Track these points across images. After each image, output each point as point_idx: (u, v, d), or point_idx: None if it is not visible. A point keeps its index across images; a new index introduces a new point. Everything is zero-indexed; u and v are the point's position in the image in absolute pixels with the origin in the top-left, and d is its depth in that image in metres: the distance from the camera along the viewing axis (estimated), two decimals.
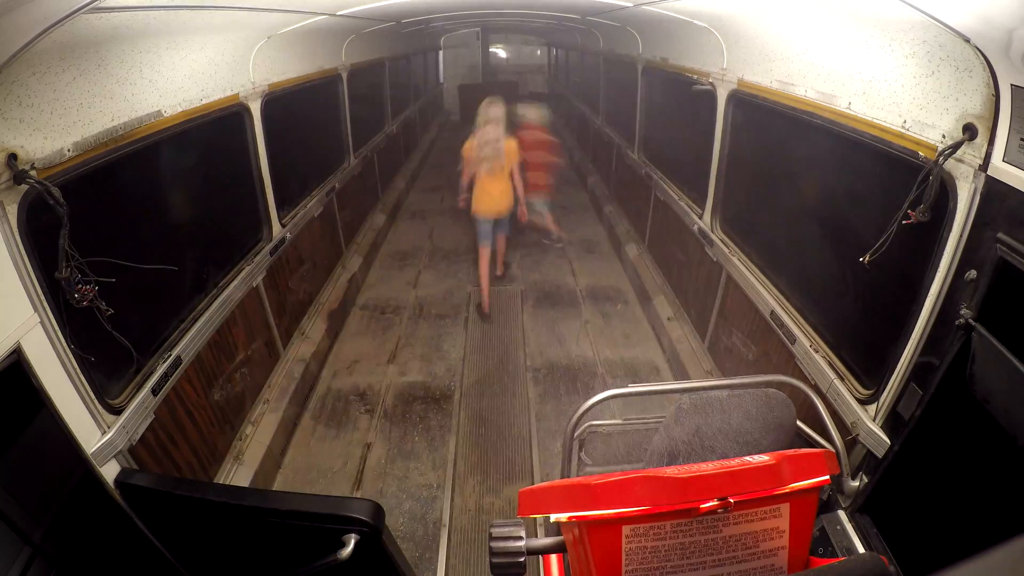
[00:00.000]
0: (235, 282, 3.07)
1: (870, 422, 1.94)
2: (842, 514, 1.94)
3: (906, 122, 1.81)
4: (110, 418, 1.98)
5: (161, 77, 2.37)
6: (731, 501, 1.06)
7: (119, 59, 2.09)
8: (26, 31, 1.43)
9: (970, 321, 1.51)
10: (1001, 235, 1.45)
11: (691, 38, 3.73)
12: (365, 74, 6.01)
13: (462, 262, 5.89)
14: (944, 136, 1.65)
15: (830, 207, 2.47)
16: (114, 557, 2.33)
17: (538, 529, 2.60)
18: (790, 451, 1.22)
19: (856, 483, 1.93)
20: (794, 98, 2.52)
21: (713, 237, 3.60)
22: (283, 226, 3.77)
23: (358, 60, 5.53)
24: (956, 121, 1.61)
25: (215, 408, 2.87)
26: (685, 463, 1.23)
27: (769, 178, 3.08)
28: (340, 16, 3.90)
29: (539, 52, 14.19)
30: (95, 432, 1.90)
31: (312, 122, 4.79)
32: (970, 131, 1.54)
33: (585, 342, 4.45)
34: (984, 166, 1.52)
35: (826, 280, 2.48)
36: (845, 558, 1.17)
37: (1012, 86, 1.40)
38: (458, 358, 4.27)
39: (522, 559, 1.25)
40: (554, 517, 1.13)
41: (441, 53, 12.91)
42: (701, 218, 3.83)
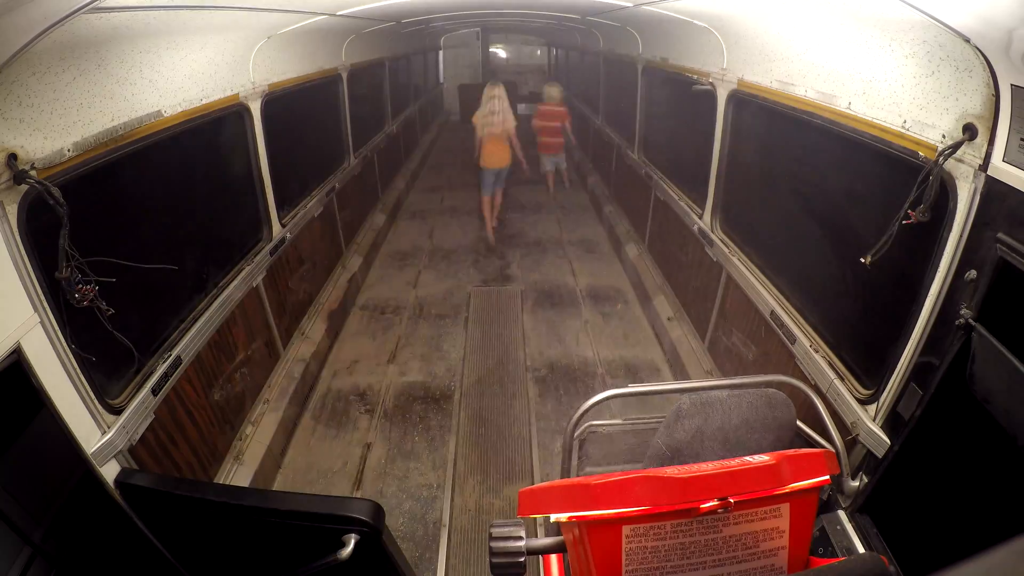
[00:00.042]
0: (235, 282, 3.07)
1: (870, 422, 1.94)
2: (842, 514, 1.94)
3: (906, 122, 1.81)
4: (110, 418, 1.98)
5: (161, 77, 2.37)
6: (731, 501, 1.06)
7: (119, 59, 2.09)
8: (26, 31, 1.43)
9: (970, 321, 1.51)
10: (1001, 235, 1.45)
11: (691, 38, 3.73)
12: (365, 74, 6.01)
13: (462, 262, 5.89)
14: (944, 136, 1.65)
15: (830, 207, 2.47)
16: (114, 557, 2.33)
17: (538, 529, 2.60)
18: (790, 451, 1.22)
19: (856, 483, 1.93)
20: (794, 98, 2.52)
21: (713, 237, 3.60)
22: (283, 226, 3.77)
23: (358, 60, 5.53)
24: (956, 121, 1.61)
25: (215, 408, 2.87)
26: (685, 463, 1.23)
27: (769, 178, 3.08)
28: (340, 16, 3.90)
29: (539, 52, 14.19)
30: (95, 432, 1.90)
31: (312, 122, 4.79)
32: (970, 131, 1.54)
33: (585, 342, 4.45)
34: (984, 166, 1.52)
35: (826, 280, 2.48)
36: (845, 558, 1.17)
37: (1012, 86, 1.40)
38: (458, 358, 4.27)
39: (522, 559, 1.25)
40: (554, 517, 1.13)
41: (441, 53, 12.91)
42: (701, 218, 3.83)
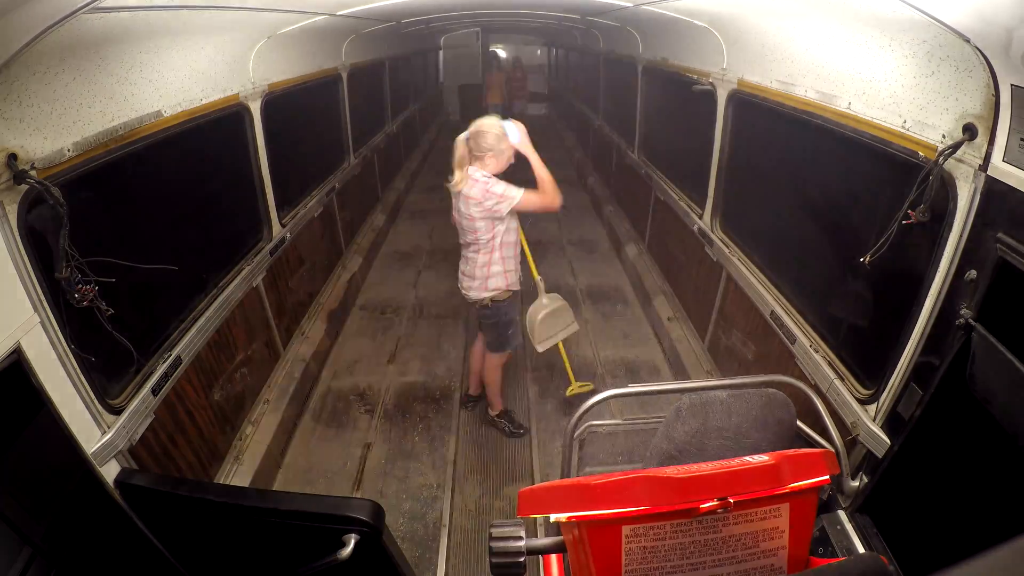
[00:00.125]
0: (235, 282, 3.07)
1: (870, 422, 1.94)
2: (842, 514, 1.94)
3: (906, 122, 1.81)
4: (110, 418, 1.98)
5: (161, 77, 2.37)
6: (731, 501, 1.06)
7: (119, 59, 2.09)
8: (26, 31, 1.43)
9: (970, 321, 1.51)
10: (1001, 235, 1.45)
11: (691, 38, 3.73)
12: (365, 74, 6.01)
13: None
14: (944, 136, 1.65)
15: (830, 207, 2.47)
16: (114, 557, 2.33)
17: (538, 529, 2.60)
18: (790, 451, 1.21)
19: (856, 483, 1.93)
20: (794, 98, 2.52)
21: (713, 237, 3.60)
22: (283, 226, 3.77)
23: (358, 60, 5.53)
24: (956, 121, 1.60)
25: (215, 408, 2.87)
26: (685, 463, 1.23)
27: (769, 178, 3.08)
28: (340, 16, 3.90)
29: (539, 52, 14.19)
30: (95, 432, 1.90)
31: (312, 122, 4.79)
32: (970, 131, 1.54)
33: (585, 342, 4.45)
34: (984, 166, 1.51)
35: (826, 280, 2.48)
36: (845, 558, 1.17)
37: (1012, 86, 1.40)
38: (458, 358, 4.27)
39: (522, 559, 1.24)
40: (554, 517, 1.13)
41: (441, 53, 12.91)
42: (701, 218, 3.83)
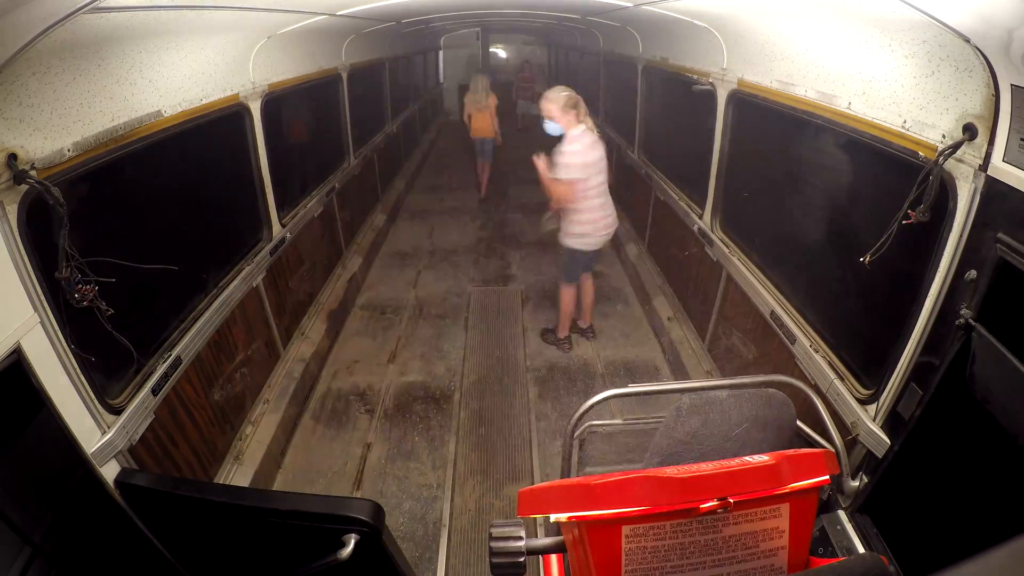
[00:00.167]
0: (235, 282, 3.07)
1: (870, 422, 1.94)
2: (842, 514, 1.94)
3: (906, 122, 1.81)
4: (110, 418, 1.98)
5: (161, 77, 2.37)
6: (731, 501, 1.06)
7: (119, 59, 2.09)
8: (26, 31, 1.43)
9: (970, 321, 1.51)
10: (1001, 235, 1.45)
11: (691, 38, 3.73)
12: (365, 74, 6.01)
13: (462, 262, 5.89)
14: (944, 136, 1.65)
15: (830, 207, 2.47)
16: (114, 557, 2.33)
17: (538, 529, 2.60)
18: (790, 451, 1.21)
19: (856, 483, 1.93)
20: (794, 98, 2.52)
21: (713, 237, 3.60)
22: (283, 226, 3.77)
23: (358, 60, 5.53)
24: (956, 121, 1.61)
25: (215, 408, 2.87)
26: (685, 463, 1.23)
27: (769, 178, 3.08)
28: (340, 16, 3.90)
29: (539, 52, 14.18)
30: (95, 432, 1.90)
31: (312, 122, 4.79)
32: (970, 131, 1.54)
33: (585, 342, 4.45)
34: (984, 166, 1.51)
35: (826, 280, 2.48)
36: (845, 558, 1.17)
37: (1012, 86, 1.40)
38: (458, 358, 4.27)
39: (522, 559, 1.25)
40: (554, 517, 1.13)
41: (441, 53, 12.91)
42: (701, 218, 3.83)
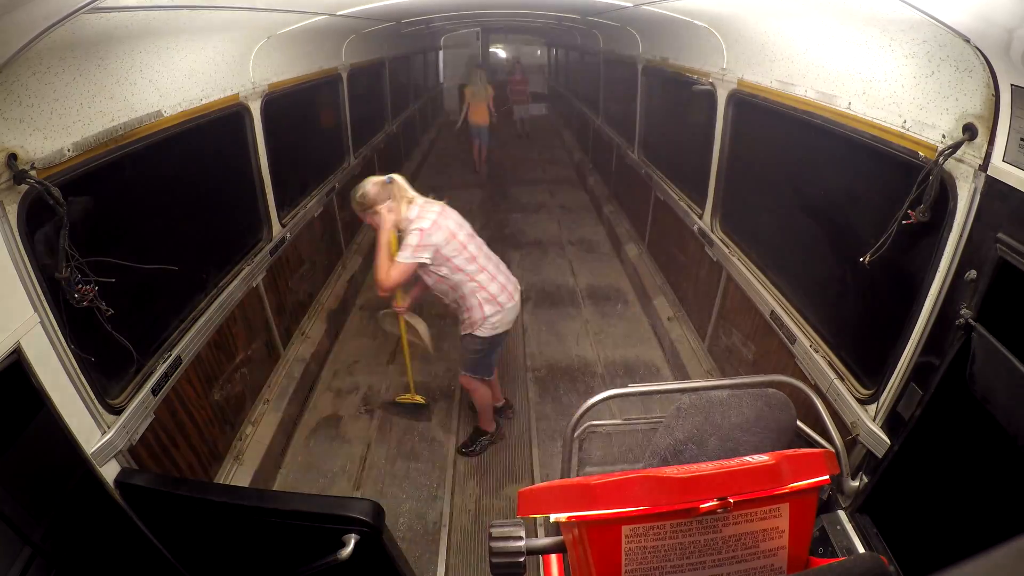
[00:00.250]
0: (235, 282, 3.07)
1: (870, 422, 1.94)
2: (842, 514, 1.94)
3: (906, 122, 1.81)
4: (110, 418, 1.98)
5: (161, 77, 2.37)
6: (731, 501, 1.06)
7: (119, 59, 2.09)
8: (26, 31, 1.43)
9: (970, 321, 1.51)
10: (1001, 235, 1.45)
11: (691, 38, 3.73)
12: (365, 74, 6.01)
13: None
14: (944, 136, 1.65)
15: (830, 207, 2.47)
16: (114, 557, 2.33)
17: (538, 529, 2.60)
18: (790, 451, 1.21)
19: (856, 483, 1.93)
20: (794, 98, 2.52)
21: (713, 237, 3.60)
22: (283, 226, 3.77)
23: (358, 60, 5.53)
24: (956, 121, 1.60)
25: (215, 408, 2.87)
26: (685, 463, 1.23)
27: (769, 178, 3.08)
28: (340, 16, 3.90)
29: (539, 52, 14.19)
30: (95, 432, 1.90)
31: (312, 122, 4.79)
32: (970, 131, 1.54)
33: (585, 342, 4.45)
34: (984, 166, 1.51)
35: (826, 280, 2.48)
36: (845, 558, 1.17)
37: (1012, 86, 1.40)
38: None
39: (522, 559, 1.24)
40: (554, 517, 1.13)
41: (441, 53, 12.91)
42: (701, 218, 3.83)
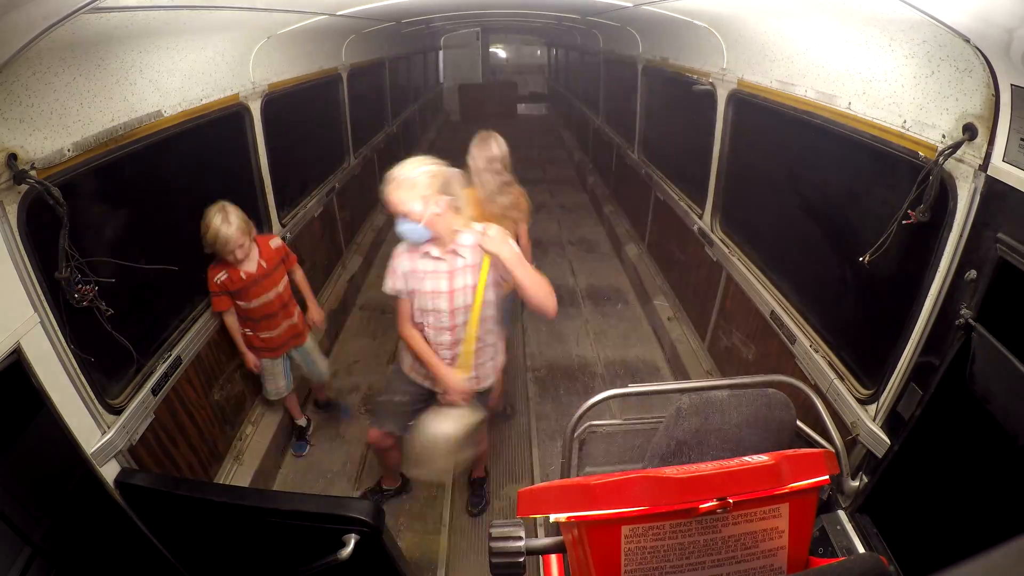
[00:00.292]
0: None
1: (870, 422, 1.94)
2: (842, 514, 1.94)
3: (906, 122, 1.81)
4: (110, 418, 1.98)
5: (161, 77, 2.37)
6: (730, 501, 1.06)
7: (119, 59, 2.08)
8: (26, 31, 1.43)
9: (970, 321, 1.51)
10: (1001, 235, 1.45)
11: (691, 38, 3.73)
12: (365, 74, 6.01)
13: None
14: (944, 136, 1.65)
15: (830, 207, 2.47)
16: (114, 557, 2.33)
17: (538, 529, 2.60)
18: (789, 451, 1.21)
19: (856, 483, 1.93)
20: (794, 98, 2.52)
21: (713, 237, 3.60)
22: (283, 226, 3.77)
23: (358, 60, 5.53)
24: (956, 121, 1.60)
25: (215, 408, 2.87)
26: (685, 463, 1.23)
27: (769, 178, 3.08)
28: (340, 16, 3.90)
29: (539, 52, 14.20)
30: (95, 432, 1.90)
31: (312, 122, 4.79)
32: (970, 131, 1.54)
33: (585, 342, 4.45)
34: (984, 166, 1.51)
35: (826, 280, 2.48)
36: (844, 558, 1.17)
37: (1012, 86, 1.40)
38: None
39: (521, 559, 1.24)
40: (553, 517, 1.13)
41: (441, 53, 12.91)
42: (701, 218, 3.83)
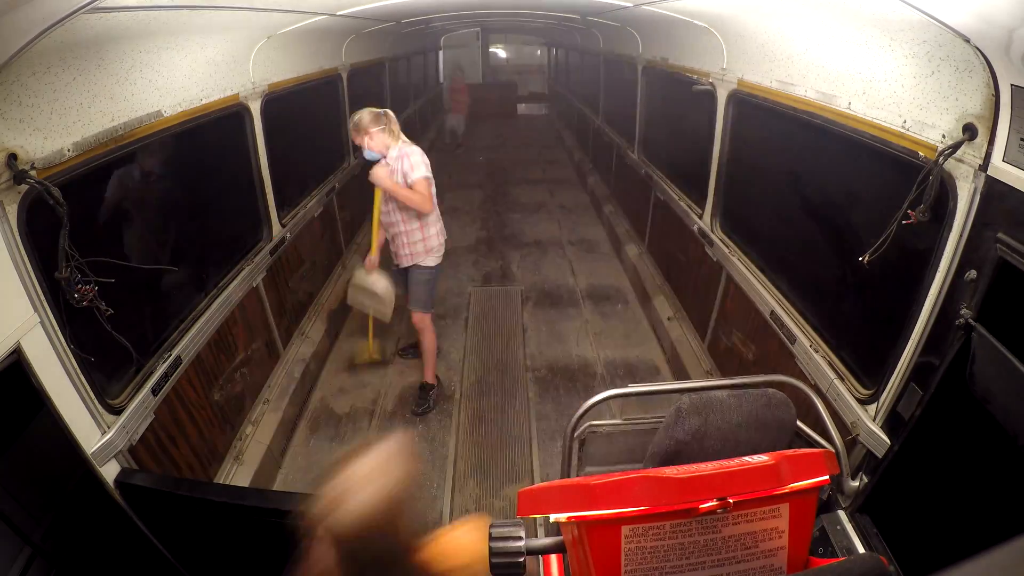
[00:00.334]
0: (235, 282, 3.07)
1: (870, 422, 1.94)
2: (842, 514, 1.94)
3: (906, 122, 1.81)
4: (110, 418, 1.98)
5: (161, 77, 2.37)
6: (730, 501, 1.06)
7: (119, 59, 2.09)
8: (26, 31, 1.43)
9: (970, 321, 1.51)
10: (1001, 235, 1.45)
11: (691, 38, 3.73)
12: (365, 74, 6.01)
13: (462, 262, 5.89)
14: (944, 136, 1.65)
15: (830, 207, 2.47)
16: (114, 557, 2.33)
17: (538, 529, 2.60)
18: (789, 451, 1.21)
19: (856, 483, 1.93)
20: (794, 98, 2.52)
21: (713, 237, 3.59)
22: (283, 226, 3.78)
23: (358, 60, 5.53)
24: (956, 121, 1.60)
25: (215, 408, 2.87)
26: (685, 463, 1.23)
27: (769, 178, 3.08)
28: (340, 16, 3.90)
29: (539, 52, 14.19)
30: (95, 432, 1.90)
31: (312, 122, 4.79)
32: (970, 131, 1.54)
33: (585, 342, 4.45)
34: (984, 166, 1.51)
35: (826, 280, 2.48)
36: (844, 558, 1.17)
37: (1012, 86, 1.40)
38: (458, 358, 4.27)
39: (521, 559, 1.24)
40: (553, 517, 1.13)
41: (441, 53, 12.91)
42: (701, 218, 3.83)
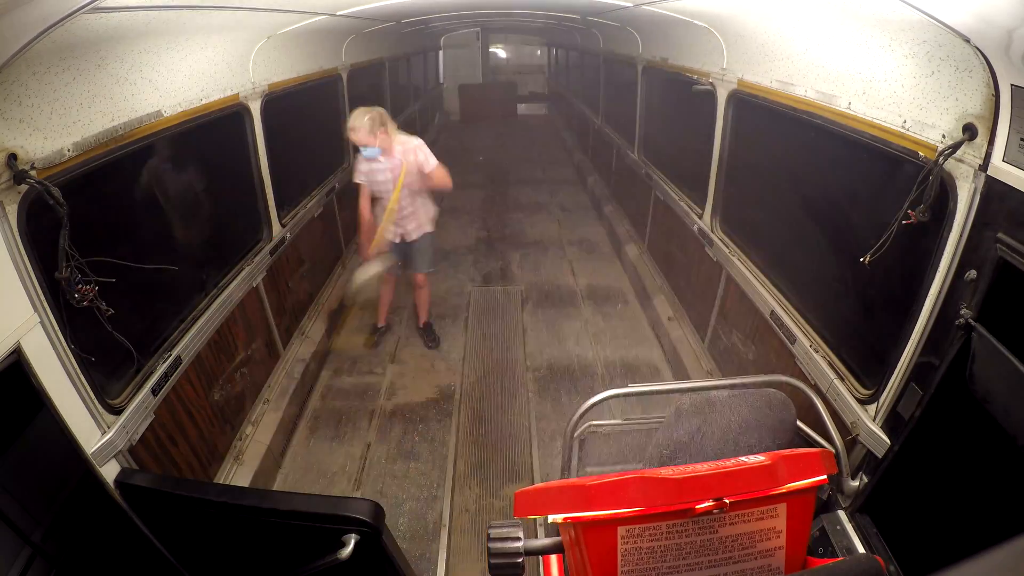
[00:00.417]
0: (235, 282, 3.07)
1: (870, 422, 1.94)
2: (842, 514, 1.94)
3: (906, 122, 1.81)
4: (110, 418, 1.98)
5: (161, 77, 2.37)
6: (727, 501, 1.06)
7: (119, 59, 2.09)
8: (26, 31, 1.43)
9: (970, 321, 1.51)
10: (1001, 235, 1.45)
11: (691, 38, 3.73)
12: (365, 74, 6.01)
13: (462, 262, 5.89)
14: (944, 136, 1.65)
15: (830, 207, 2.46)
16: (114, 557, 2.33)
17: (538, 529, 2.60)
18: (786, 451, 1.21)
19: (856, 483, 1.93)
20: (794, 98, 2.52)
21: (713, 237, 3.59)
22: (283, 226, 3.78)
23: (358, 60, 5.53)
24: (956, 121, 1.60)
25: (215, 408, 2.87)
26: (685, 463, 1.23)
27: (769, 178, 3.08)
28: (340, 16, 3.90)
29: (539, 52, 14.18)
30: (95, 432, 1.90)
31: (312, 122, 4.79)
32: (970, 131, 1.53)
33: (585, 342, 4.45)
34: (984, 166, 1.51)
35: (826, 280, 2.48)
36: (842, 558, 1.17)
37: (1012, 86, 1.40)
38: (458, 358, 4.27)
39: (520, 560, 1.24)
40: (551, 518, 1.13)
41: (441, 53, 12.91)
42: (701, 218, 3.83)
